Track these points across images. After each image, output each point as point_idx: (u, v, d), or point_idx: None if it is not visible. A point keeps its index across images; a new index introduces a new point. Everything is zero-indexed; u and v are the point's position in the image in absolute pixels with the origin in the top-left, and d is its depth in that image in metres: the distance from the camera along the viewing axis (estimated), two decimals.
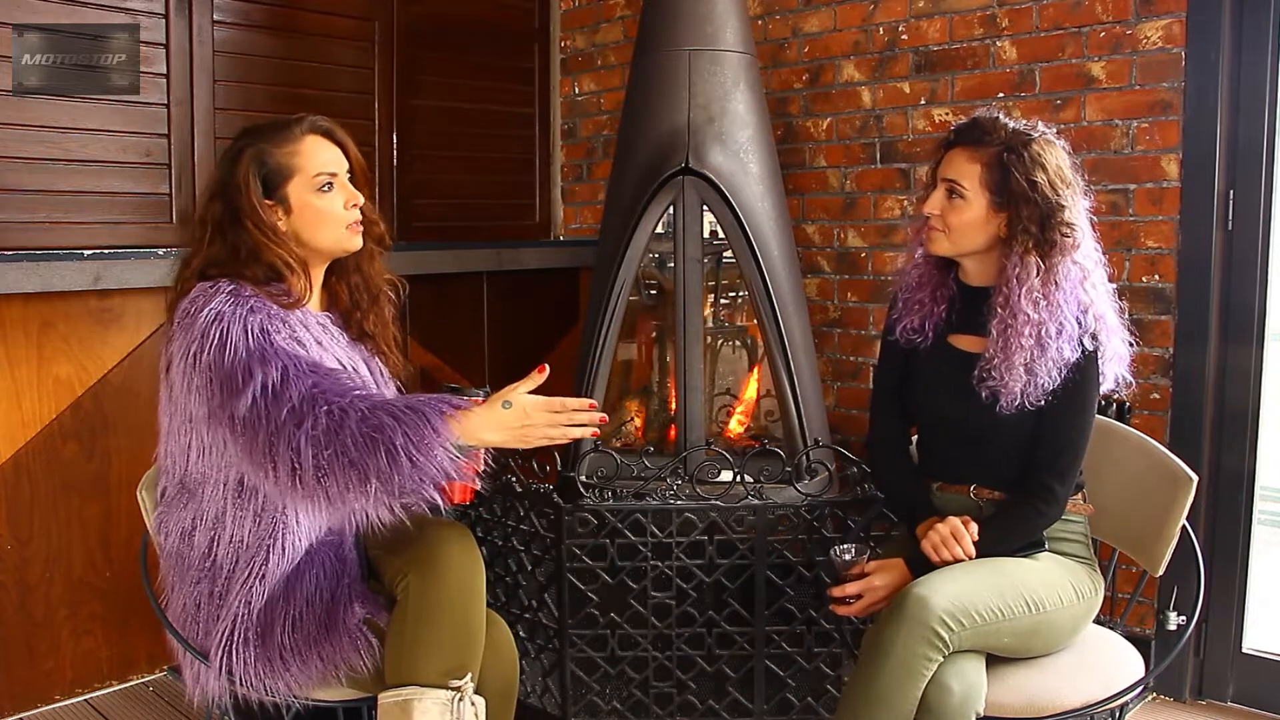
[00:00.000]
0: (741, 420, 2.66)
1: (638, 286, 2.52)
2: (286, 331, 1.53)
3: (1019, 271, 1.62)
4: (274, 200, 1.59)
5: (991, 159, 1.65)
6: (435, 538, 1.58)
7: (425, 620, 1.51)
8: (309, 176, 1.60)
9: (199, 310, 1.48)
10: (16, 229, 2.38)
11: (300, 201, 1.59)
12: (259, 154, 1.58)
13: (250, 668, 1.52)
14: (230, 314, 1.47)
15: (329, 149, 1.63)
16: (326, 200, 1.61)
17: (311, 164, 1.60)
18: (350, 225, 1.63)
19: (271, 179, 1.58)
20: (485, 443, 1.46)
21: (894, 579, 1.65)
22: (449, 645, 1.51)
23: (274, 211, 1.58)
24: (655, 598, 2.08)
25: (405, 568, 1.55)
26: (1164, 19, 2.32)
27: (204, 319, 1.47)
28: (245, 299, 1.51)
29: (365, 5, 3.02)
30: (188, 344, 1.48)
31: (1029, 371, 1.61)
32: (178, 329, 1.52)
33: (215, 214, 1.58)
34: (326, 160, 1.62)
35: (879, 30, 2.80)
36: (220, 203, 1.58)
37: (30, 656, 2.34)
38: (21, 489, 2.31)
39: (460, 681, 1.50)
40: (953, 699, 1.48)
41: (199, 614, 1.58)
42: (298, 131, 1.61)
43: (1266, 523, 2.39)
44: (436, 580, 1.52)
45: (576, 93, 3.57)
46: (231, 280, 1.53)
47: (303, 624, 1.53)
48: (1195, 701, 2.38)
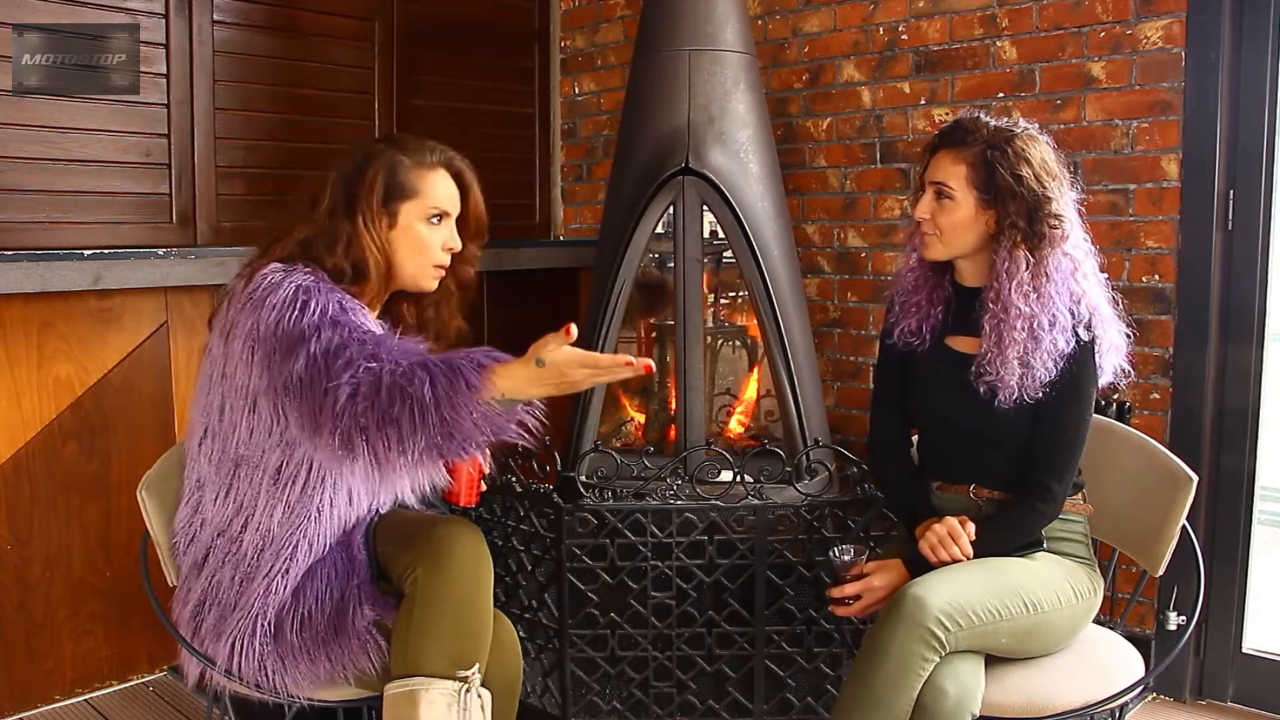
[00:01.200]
0: (741, 420, 2.66)
1: (638, 286, 2.52)
2: (360, 316, 1.54)
3: (1008, 266, 1.63)
4: (386, 211, 1.61)
5: (976, 158, 1.65)
6: (445, 532, 1.58)
7: (433, 612, 1.51)
8: (426, 204, 1.62)
9: (279, 283, 1.49)
10: (16, 229, 2.38)
11: (407, 223, 1.61)
12: (393, 162, 1.61)
13: (260, 663, 1.53)
14: (314, 288, 1.49)
15: (453, 188, 1.66)
16: (431, 233, 1.63)
17: (433, 194, 1.63)
18: (436, 266, 1.65)
19: (393, 190, 1.60)
20: (528, 395, 1.40)
21: (893, 579, 1.65)
22: (456, 636, 1.51)
23: (381, 219, 1.60)
24: (655, 598, 2.08)
25: (415, 561, 1.55)
26: (1164, 19, 2.32)
27: (286, 290, 1.47)
28: (320, 285, 1.51)
29: (365, 5, 3.02)
30: (262, 314, 1.48)
31: (1023, 364, 1.62)
32: (249, 303, 1.50)
33: (335, 196, 1.59)
34: (447, 197, 1.65)
35: (879, 30, 2.80)
36: (341, 188, 1.60)
37: (30, 656, 2.34)
38: (21, 489, 2.31)
39: (467, 672, 1.51)
40: (948, 701, 1.48)
41: (214, 601, 1.58)
42: (434, 159, 1.64)
43: (1266, 523, 2.39)
44: (445, 573, 1.53)
45: (576, 93, 3.57)
46: (310, 270, 1.54)
47: (311, 623, 1.54)
48: (1195, 701, 2.38)
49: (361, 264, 1.58)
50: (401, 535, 1.62)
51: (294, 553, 1.56)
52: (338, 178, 1.61)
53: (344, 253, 1.57)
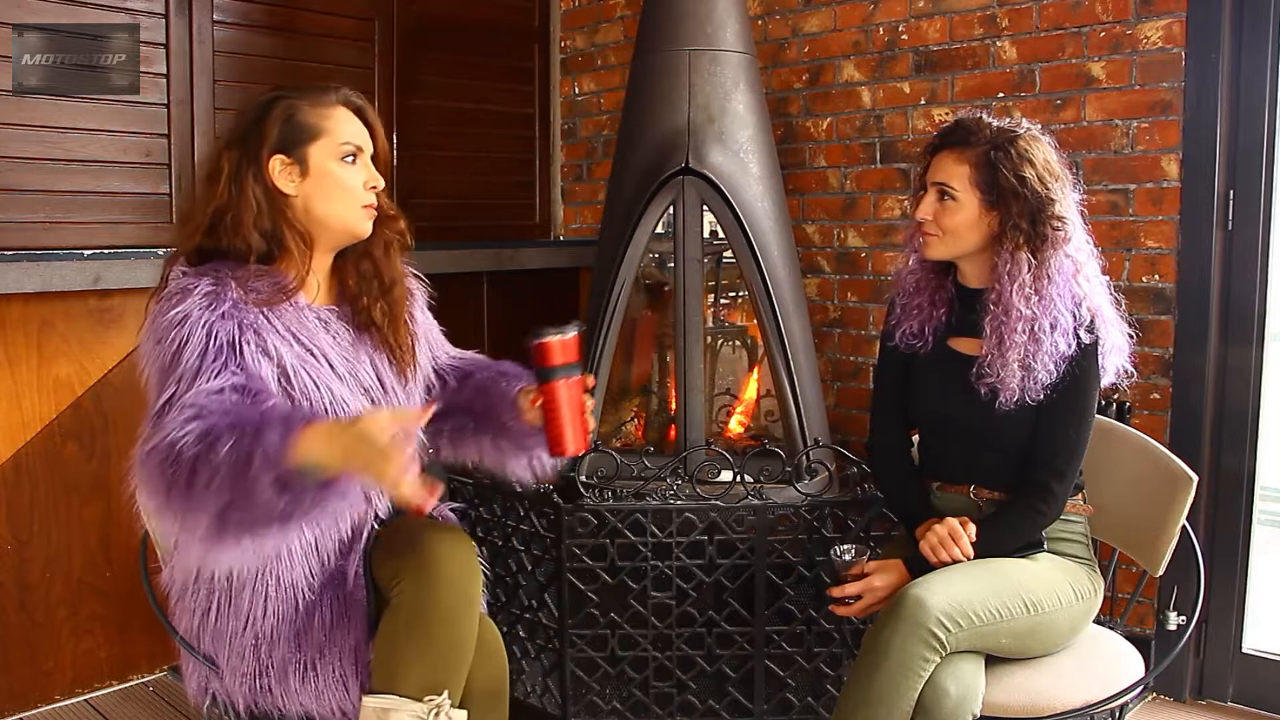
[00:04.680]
0: (741, 420, 2.66)
1: (638, 286, 2.52)
2: (256, 335, 1.42)
3: (1010, 268, 1.63)
4: (293, 159, 1.48)
5: (979, 158, 1.65)
6: (434, 543, 1.49)
7: (415, 630, 1.45)
8: (335, 143, 1.50)
9: (167, 310, 1.40)
10: (16, 229, 2.38)
11: (320, 167, 1.49)
12: (290, 108, 1.49)
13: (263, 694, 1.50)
14: (197, 315, 1.38)
15: (358, 125, 1.54)
16: (347, 172, 1.51)
17: (340, 132, 1.51)
18: (365, 207, 1.53)
19: (296, 135, 1.48)
20: (329, 461, 1.24)
21: (893, 579, 1.65)
22: (434, 660, 1.45)
23: (290, 170, 1.48)
24: (655, 598, 2.08)
25: (401, 571, 1.48)
26: (1164, 19, 2.32)
27: (168, 321, 1.38)
28: (224, 301, 1.40)
29: (365, 5, 3.02)
30: (143, 347, 1.41)
31: (1024, 367, 1.62)
32: (147, 322, 1.43)
33: (232, 160, 1.47)
34: (355, 132, 1.53)
35: (879, 30, 2.80)
36: (238, 150, 1.48)
37: (30, 656, 2.34)
38: (21, 489, 2.31)
39: (438, 699, 1.44)
40: (949, 701, 1.48)
41: (206, 623, 1.54)
42: (332, 99, 1.53)
43: (1266, 523, 2.39)
44: (430, 590, 1.45)
45: (576, 93, 3.57)
46: (214, 276, 1.43)
47: (317, 675, 1.49)
48: (1195, 701, 2.38)
49: (276, 230, 1.46)
50: (391, 542, 1.54)
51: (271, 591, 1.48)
52: (231, 140, 1.48)
53: (253, 223, 1.44)
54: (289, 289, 1.48)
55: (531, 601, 2.18)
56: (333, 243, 1.55)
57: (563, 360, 1.45)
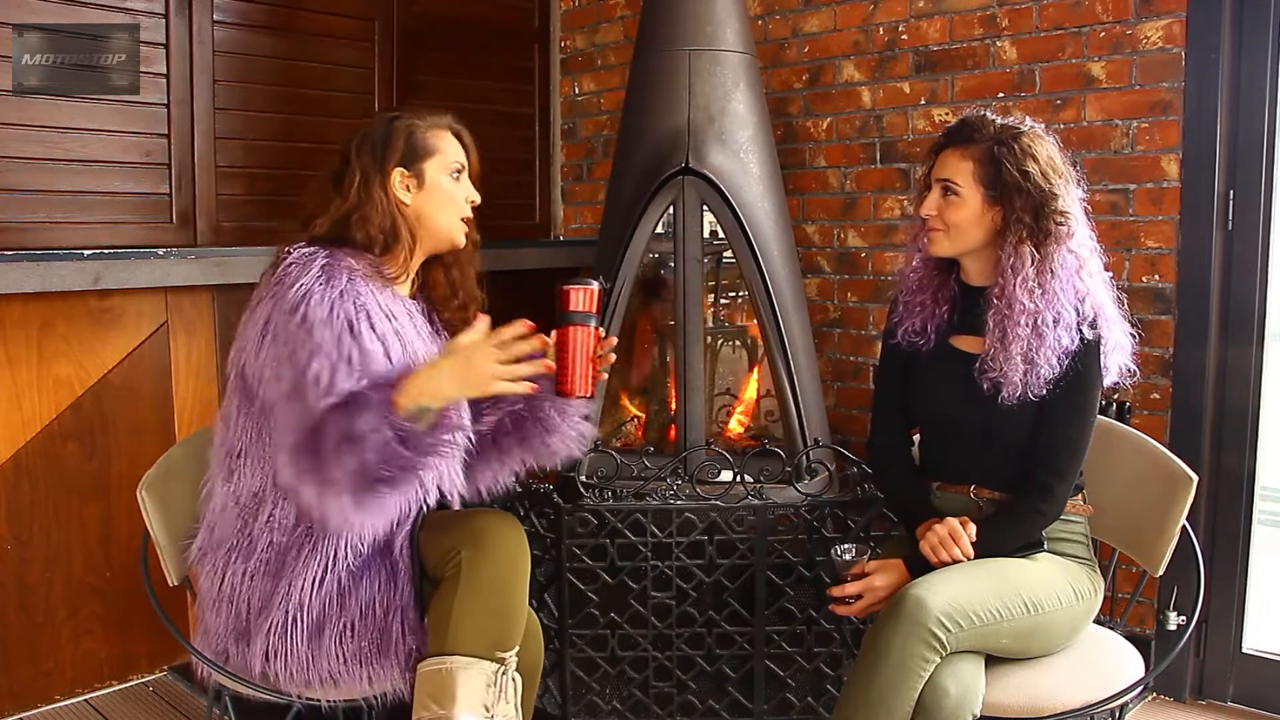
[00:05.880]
0: (741, 420, 2.66)
1: (638, 286, 2.52)
2: (368, 316, 1.55)
3: (1014, 262, 1.63)
4: (410, 172, 1.66)
5: (983, 154, 1.66)
6: (487, 519, 1.62)
7: (475, 593, 1.52)
8: (447, 160, 1.68)
9: (291, 282, 1.51)
10: (16, 229, 2.38)
11: (434, 180, 1.67)
12: (411, 127, 1.67)
13: (293, 660, 1.53)
14: (319, 292, 1.51)
15: (460, 147, 1.72)
16: (455, 186, 1.69)
17: (450, 151, 1.70)
18: (465, 219, 1.70)
19: (415, 152, 1.66)
20: (444, 396, 1.43)
21: (894, 579, 1.65)
22: (496, 619, 1.53)
23: (408, 182, 1.66)
24: (655, 598, 2.09)
25: (457, 545, 1.56)
26: (1164, 19, 2.32)
27: (293, 294, 1.50)
28: (339, 274, 1.53)
29: (365, 5, 3.02)
30: (271, 310, 1.52)
31: (1027, 361, 1.62)
32: (268, 294, 1.55)
33: (362, 167, 1.63)
34: (460, 153, 1.72)
35: (879, 30, 2.80)
36: (367, 158, 1.64)
37: (30, 656, 2.34)
38: (21, 489, 2.31)
39: (505, 654, 1.52)
40: (949, 701, 1.48)
41: (247, 592, 1.58)
42: (443, 122, 1.71)
43: (1266, 523, 2.39)
44: (487, 557, 1.55)
45: (576, 93, 3.57)
46: (330, 250, 1.57)
47: (353, 639, 1.55)
48: (1195, 701, 2.38)
49: (395, 230, 1.63)
50: (442, 523, 1.64)
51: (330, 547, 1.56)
52: (360, 149, 1.66)
53: (378, 221, 1.61)
54: (391, 277, 1.65)
55: (532, 601, 2.17)
56: (433, 247, 1.71)
57: (582, 308, 1.56)
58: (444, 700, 1.46)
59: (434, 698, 1.47)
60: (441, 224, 1.68)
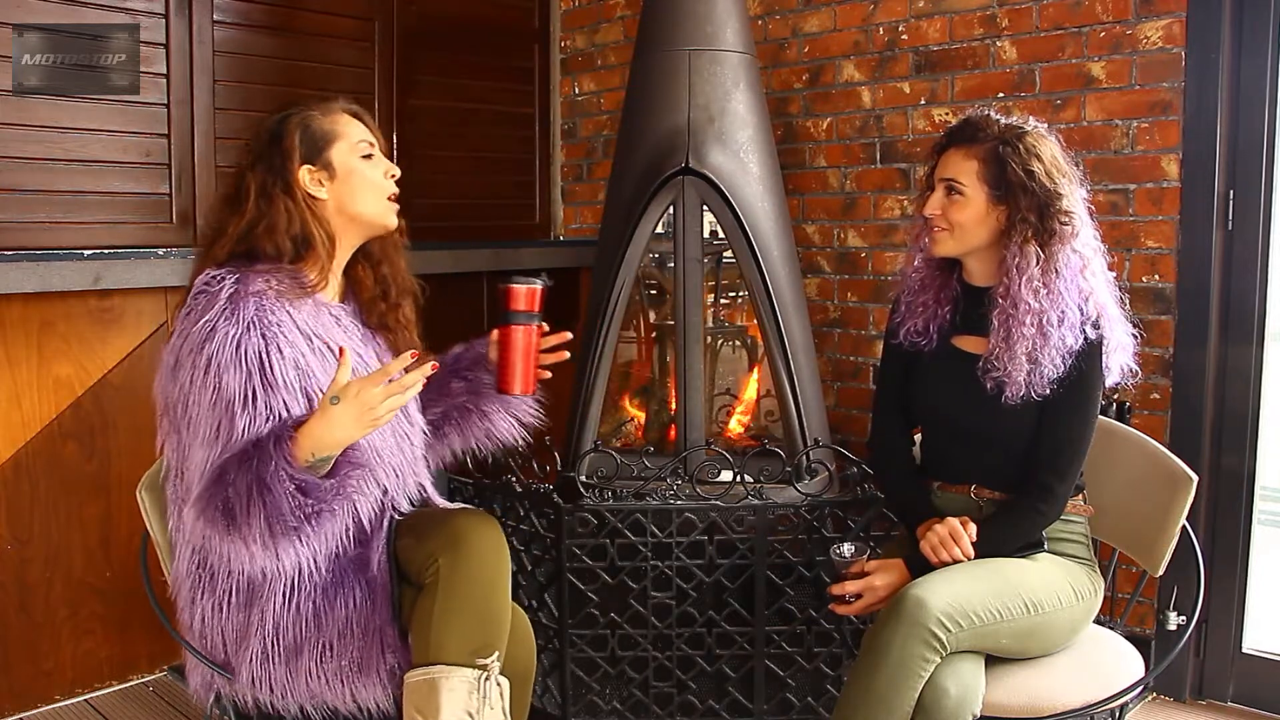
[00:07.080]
0: (741, 420, 2.66)
1: (638, 286, 2.52)
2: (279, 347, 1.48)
3: (1019, 261, 1.63)
4: (318, 165, 1.59)
5: (987, 154, 1.66)
6: (465, 522, 1.59)
7: (455, 600, 1.51)
8: (352, 142, 1.61)
9: (197, 318, 1.47)
10: (16, 229, 2.38)
11: (345, 166, 1.60)
12: (304, 120, 1.60)
13: (277, 685, 1.53)
14: (224, 329, 1.45)
15: (362, 127, 1.65)
16: (369, 166, 1.62)
17: (353, 133, 1.62)
18: (390, 197, 1.63)
19: (316, 143, 1.59)
20: (339, 443, 1.40)
21: (894, 579, 1.65)
22: (477, 625, 1.52)
23: (317, 177, 1.59)
24: (655, 598, 2.09)
25: (435, 552, 1.55)
26: (1164, 19, 2.32)
27: (198, 331, 1.46)
28: (246, 303, 1.47)
29: (365, 5, 3.02)
30: (180, 348, 1.48)
31: (1032, 361, 1.62)
32: (177, 328, 1.51)
33: (259, 177, 1.56)
34: (364, 132, 1.64)
35: (879, 30, 2.80)
36: (264, 166, 1.57)
37: (30, 656, 2.34)
38: (21, 489, 2.31)
39: (487, 660, 1.51)
40: (949, 701, 1.48)
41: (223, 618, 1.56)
42: (336, 106, 1.65)
43: (1266, 523, 2.39)
44: (466, 562, 1.53)
45: (576, 93, 3.57)
46: (240, 271, 1.50)
47: (333, 658, 1.53)
48: (1195, 701, 2.38)
49: (305, 233, 1.55)
50: (419, 528, 1.62)
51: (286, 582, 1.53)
52: (253, 159, 1.59)
53: (284, 228, 1.54)
54: (310, 286, 1.57)
55: (532, 601, 2.18)
56: (365, 234, 1.65)
57: (524, 307, 1.59)
58: (429, 711, 1.46)
59: (419, 709, 1.47)
60: (367, 209, 1.61)
